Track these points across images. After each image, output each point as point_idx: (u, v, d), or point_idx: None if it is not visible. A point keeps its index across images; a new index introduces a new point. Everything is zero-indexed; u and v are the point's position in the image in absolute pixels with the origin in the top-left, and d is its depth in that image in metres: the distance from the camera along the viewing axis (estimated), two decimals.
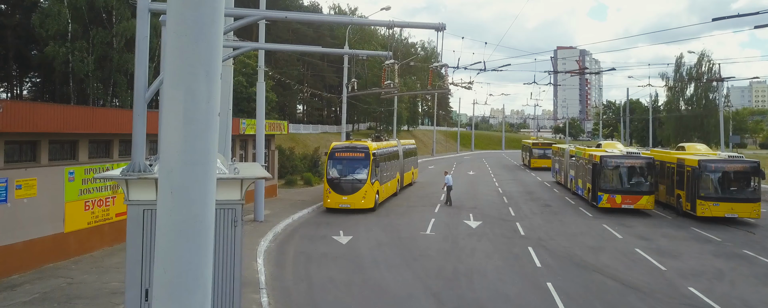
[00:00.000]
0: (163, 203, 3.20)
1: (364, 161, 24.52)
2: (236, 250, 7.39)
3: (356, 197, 24.06)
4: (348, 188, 24.14)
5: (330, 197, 24.15)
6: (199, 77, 3.19)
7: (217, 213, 7.34)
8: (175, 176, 3.17)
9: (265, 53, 24.72)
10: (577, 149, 33.31)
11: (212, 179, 3.28)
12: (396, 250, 17.66)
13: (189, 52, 3.16)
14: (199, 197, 3.21)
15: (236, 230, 7.39)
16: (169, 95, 3.20)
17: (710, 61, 66.17)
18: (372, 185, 24.42)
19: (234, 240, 7.36)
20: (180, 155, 3.16)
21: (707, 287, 14.17)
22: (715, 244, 19.42)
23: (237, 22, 8.88)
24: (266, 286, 13.33)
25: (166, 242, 3.19)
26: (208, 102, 3.22)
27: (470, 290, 13.56)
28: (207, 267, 3.27)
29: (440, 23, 8.96)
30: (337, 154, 24.80)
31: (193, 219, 3.18)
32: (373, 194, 24.47)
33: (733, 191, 23.54)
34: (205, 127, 3.21)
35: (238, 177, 7.30)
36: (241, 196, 7.43)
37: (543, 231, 21.29)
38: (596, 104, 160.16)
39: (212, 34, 3.20)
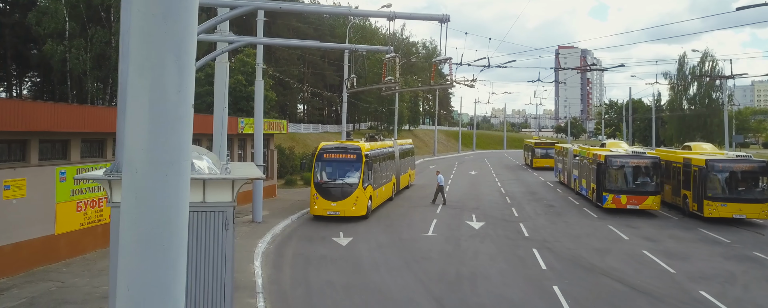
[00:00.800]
0: (127, 210, 2.75)
1: (356, 164, 22.19)
2: (227, 254, 6.94)
3: (346, 204, 21.67)
4: (337, 194, 21.74)
5: (317, 203, 21.75)
6: (168, 62, 2.74)
7: (207, 216, 6.91)
8: (139, 178, 2.72)
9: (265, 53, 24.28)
10: (581, 149, 32.82)
11: (185, 182, 2.83)
12: (397, 252, 17.21)
13: (156, 33, 2.71)
14: (168, 203, 2.75)
15: (227, 233, 6.94)
16: (134, 85, 2.76)
17: (714, 59, 65.68)
18: (364, 190, 22.10)
19: (225, 243, 6.91)
20: (145, 154, 2.71)
21: (719, 291, 13.71)
22: (724, 246, 18.95)
23: (230, 12, 8.44)
24: (263, 290, 12.88)
25: (130, 255, 2.74)
26: (178, 92, 2.78)
27: (474, 294, 13.11)
28: (177, 285, 2.82)
29: (444, 15, 8.52)
30: (325, 155, 22.49)
31: (161, 228, 2.73)
32: (365, 200, 22.18)
33: (741, 192, 23.06)
34: (175, 121, 2.76)
35: (229, 178, 6.86)
36: (233, 198, 6.99)
37: (547, 232, 20.83)
38: (599, 103, 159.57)
39: (184, 12, 2.75)
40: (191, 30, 2.82)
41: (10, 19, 39.35)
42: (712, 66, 65.29)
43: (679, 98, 71.56)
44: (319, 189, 21.82)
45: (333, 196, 21.68)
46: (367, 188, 22.42)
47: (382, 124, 72.00)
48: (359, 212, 21.80)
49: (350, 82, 24.47)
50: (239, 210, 22.88)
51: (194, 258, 6.87)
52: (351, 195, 21.68)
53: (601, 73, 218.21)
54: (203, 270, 6.86)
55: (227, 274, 6.92)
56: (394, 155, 29.74)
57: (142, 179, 2.71)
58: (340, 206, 21.56)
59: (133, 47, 2.75)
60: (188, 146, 2.85)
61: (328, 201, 21.58)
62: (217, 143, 13.00)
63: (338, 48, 23.22)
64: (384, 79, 18.95)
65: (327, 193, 21.75)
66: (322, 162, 22.34)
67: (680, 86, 71.55)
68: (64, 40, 33.63)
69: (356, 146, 22.78)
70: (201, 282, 6.87)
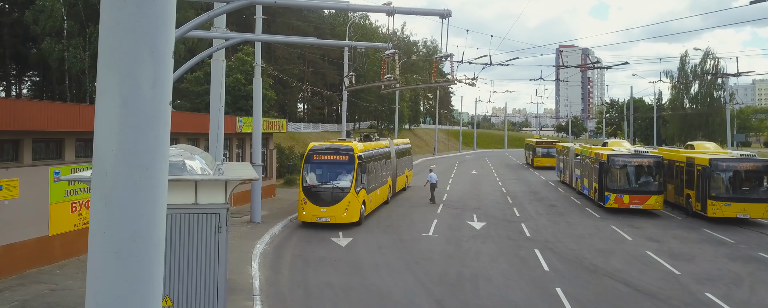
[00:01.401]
0: (96, 217, 2.50)
1: (348, 166, 20.48)
2: (220, 258, 6.70)
3: (337, 209, 19.96)
4: (327, 198, 20.03)
5: (305, 208, 20.05)
6: (142, 55, 2.48)
7: (199, 218, 6.66)
8: (109, 181, 2.47)
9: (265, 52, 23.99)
10: (582, 148, 32.56)
11: (161, 186, 2.58)
12: (397, 253, 16.96)
13: (128, 22, 2.45)
14: (142, 209, 2.50)
15: (220, 236, 6.69)
16: (104, 79, 2.50)
17: (716, 58, 65.34)
18: (356, 195, 20.42)
19: (217, 247, 6.67)
20: (116, 156, 2.46)
21: (725, 293, 13.45)
22: (729, 246, 18.69)
23: (225, 6, 8.19)
24: (260, 292, 12.63)
25: (99, 267, 2.48)
26: (153, 88, 2.52)
27: (475, 296, 12.86)
28: (153, 300, 2.55)
29: (446, 10, 8.26)
30: (315, 157, 20.76)
31: (134, 238, 2.47)
32: (357, 205, 20.50)
33: (745, 191, 22.80)
34: (149, 119, 2.51)
35: (222, 179, 6.61)
36: (226, 199, 6.73)
37: (549, 232, 20.58)
38: (600, 102, 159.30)
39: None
40: (168, 19, 2.56)
41: (9, 18, 39.10)
42: (713, 64, 64.93)
43: (680, 97, 71.24)
44: (307, 193, 20.16)
45: (323, 201, 20.03)
46: (360, 192, 20.83)
47: (383, 123, 71.75)
48: (351, 218, 20.17)
49: (349, 80, 23.84)
50: (238, 210, 22.63)
51: (186, 262, 6.62)
52: (342, 200, 20.01)
53: (602, 72, 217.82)
54: (195, 275, 6.61)
55: (220, 279, 6.67)
56: (390, 156, 28.18)
57: (112, 183, 2.46)
58: (331, 212, 19.94)
59: (103, 37, 2.50)
60: (165, 147, 2.59)
61: (317, 207, 19.95)
62: (214, 142, 12.73)
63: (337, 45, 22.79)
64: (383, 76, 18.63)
65: (316, 197, 20.11)
66: (311, 164, 20.69)
67: (682, 85, 71.24)
68: (62, 38, 33.38)
69: (348, 147, 21.09)
70: (193, 286, 6.62)
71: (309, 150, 21.05)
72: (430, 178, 28.25)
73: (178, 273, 6.58)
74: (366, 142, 24.76)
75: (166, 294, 6.54)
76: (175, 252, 6.57)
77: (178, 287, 6.58)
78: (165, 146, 2.58)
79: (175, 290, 6.57)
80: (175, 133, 19.97)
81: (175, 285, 6.57)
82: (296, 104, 70.46)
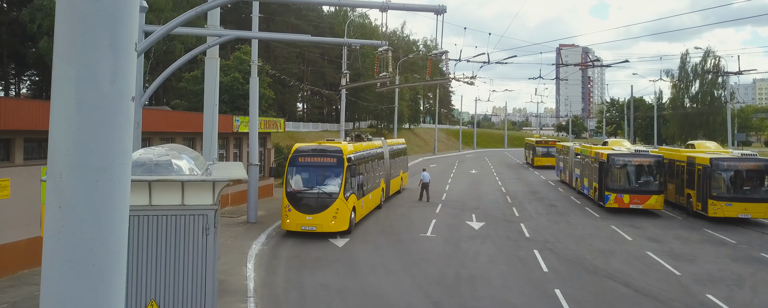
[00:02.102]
0: (51, 223, 2.30)
1: (336, 169, 18.89)
2: (208, 261, 6.50)
3: (324, 217, 18.27)
4: (313, 205, 18.40)
5: (290, 216, 18.33)
6: (100, 47, 2.29)
7: (186, 220, 6.47)
8: (65, 184, 2.27)
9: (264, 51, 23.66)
10: (582, 148, 32.36)
11: (121, 188, 2.38)
12: (395, 254, 16.76)
13: (85, 11, 2.26)
14: (99, 214, 2.30)
15: (208, 238, 6.49)
16: (59, 73, 2.32)
17: (716, 57, 65.13)
18: (346, 201, 18.79)
19: (205, 249, 6.47)
20: (71, 156, 2.26)
21: (727, 294, 13.26)
22: (731, 247, 18.49)
23: (216, 1, 7.99)
24: (254, 294, 12.45)
25: (53, 277, 2.29)
26: (112, 83, 2.33)
27: (473, 298, 12.66)
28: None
29: (440, 6, 8.08)
30: (300, 159, 19.09)
31: (90, 245, 2.28)
32: (346, 213, 18.83)
33: (746, 191, 22.60)
34: (108, 117, 2.32)
35: (210, 179, 6.41)
36: (214, 200, 6.54)
37: (549, 232, 20.38)
38: (600, 102, 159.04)
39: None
40: (129, 9, 2.37)
41: (7, 17, 38.91)
42: (714, 63, 64.72)
43: (681, 96, 71.02)
44: (291, 199, 18.46)
45: (308, 208, 18.39)
46: (350, 197, 19.21)
47: (382, 122, 71.49)
48: (340, 226, 18.56)
49: (344, 78, 23.49)
50: (234, 211, 22.45)
51: (172, 265, 6.44)
52: (330, 207, 18.35)
53: (603, 71, 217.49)
54: (182, 278, 6.43)
55: (208, 281, 6.48)
56: (383, 157, 26.57)
57: (67, 186, 2.27)
58: (317, 220, 18.26)
59: (59, 28, 2.31)
60: (126, 147, 2.40)
61: (302, 214, 18.27)
62: (208, 141, 12.55)
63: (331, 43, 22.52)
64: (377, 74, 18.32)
65: (301, 204, 18.46)
66: (296, 167, 19.03)
67: (682, 84, 71.04)
68: None
69: (337, 148, 19.44)
70: (180, 290, 6.43)
71: (293, 152, 19.42)
72: (423, 177, 28.44)
73: (164, 277, 6.39)
74: (357, 142, 23.24)
75: (151, 299, 6.35)
76: (161, 255, 6.39)
77: (164, 290, 6.39)
78: (126, 145, 2.38)
79: (161, 294, 6.38)
80: (171, 132, 19.82)
81: (161, 289, 6.39)
82: (296, 103, 70.27)
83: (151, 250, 6.36)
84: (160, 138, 17.20)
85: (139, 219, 6.34)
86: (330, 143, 20.50)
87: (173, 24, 7.68)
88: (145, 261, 6.35)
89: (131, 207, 6.44)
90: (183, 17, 7.89)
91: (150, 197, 6.36)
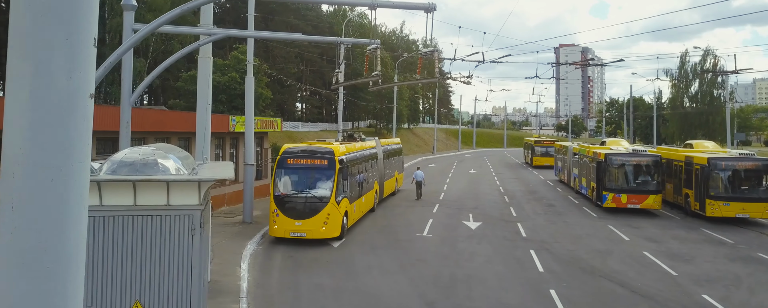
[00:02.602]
0: (2, 224, 2.22)
1: (327, 171, 17.81)
2: (195, 262, 6.42)
3: (314, 223, 17.18)
4: (303, 210, 17.29)
5: (278, 221, 17.26)
6: (56, 41, 2.20)
7: (172, 220, 6.39)
8: (18, 183, 2.19)
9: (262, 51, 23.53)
10: (580, 147, 32.28)
11: (78, 189, 2.29)
12: (391, 254, 16.67)
13: (41, 3, 2.18)
14: (54, 216, 2.22)
15: (194, 239, 6.41)
16: (14, 68, 2.23)
17: (715, 56, 65.07)
18: (337, 206, 17.68)
19: (191, 250, 6.39)
20: (25, 155, 2.18)
21: (724, 295, 13.18)
22: (729, 247, 18.41)
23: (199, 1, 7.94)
24: (248, 294, 12.37)
25: (4, 283, 2.20)
26: (70, 78, 2.24)
27: (468, 299, 12.58)
28: None
29: (430, 3, 7.99)
30: (288, 161, 17.96)
31: (43, 248, 2.19)
32: (338, 218, 17.75)
33: (744, 191, 22.52)
34: (65, 114, 2.23)
35: (195, 179, 6.34)
36: (200, 200, 6.46)
37: (546, 232, 20.30)
38: (600, 101, 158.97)
39: None
40: (89, 2, 2.29)
41: (5, 17, 38.85)
42: (713, 63, 64.66)
43: (680, 96, 70.99)
44: (279, 204, 17.40)
45: (297, 213, 17.26)
46: (342, 201, 18.08)
47: (381, 122, 71.38)
48: (331, 232, 17.46)
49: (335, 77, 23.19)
50: (230, 211, 22.37)
51: (158, 266, 6.36)
52: (321, 212, 17.23)
53: (602, 71, 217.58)
54: (167, 279, 6.35)
55: (194, 282, 6.40)
56: (377, 157, 25.47)
57: (20, 186, 2.18)
58: (307, 226, 17.16)
59: (13, 20, 2.23)
60: (84, 145, 2.31)
61: (290, 219, 17.15)
62: (200, 141, 12.46)
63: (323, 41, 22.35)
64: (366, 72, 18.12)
65: (290, 209, 17.32)
66: (285, 169, 17.94)
67: (682, 84, 70.99)
68: None
69: (328, 150, 18.32)
70: (165, 291, 6.36)
71: (282, 153, 18.20)
72: (417, 176, 28.94)
73: (149, 277, 6.32)
74: (349, 143, 22.04)
75: (136, 299, 6.28)
76: (146, 255, 6.31)
77: (149, 291, 6.32)
78: (84, 143, 2.30)
79: (146, 294, 6.31)
80: (166, 132, 19.73)
81: (146, 289, 6.31)
82: (295, 103, 70.20)
83: (136, 250, 6.29)
84: (154, 138, 17.11)
85: (123, 219, 6.27)
86: (321, 144, 19.50)
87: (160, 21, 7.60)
88: (129, 261, 6.27)
89: (116, 207, 6.39)
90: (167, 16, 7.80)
91: (135, 197, 6.28)
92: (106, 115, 14.39)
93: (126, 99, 9.87)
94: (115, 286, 6.23)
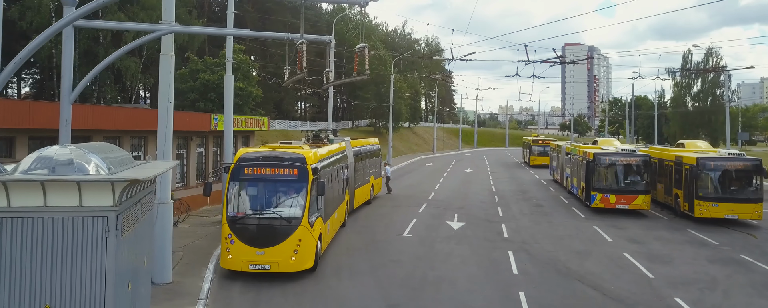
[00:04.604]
0: None
1: (297, 184, 13.89)
2: (109, 266, 6.21)
3: (281, 252, 13.23)
4: (266, 236, 13.37)
5: (232, 250, 13.23)
6: None
7: (84, 222, 6.19)
8: None
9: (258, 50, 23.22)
10: (572, 147, 31.94)
11: None
12: (366, 255, 16.41)
13: None
14: None
15: (109, 241, 6.20)
16: None
17: (718, 56, 64.44)
18: (310, 229, 13.71)
19: (105, 253, 6.18)
20: None
21: (697, 297, 12.88)
22: (712, 248, 18.07)
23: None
24: (208, 296, 12.17)
25: None
26: None
27: (434, 301, 12.33)
28: None
29: None
30: (246, 170, 13.82)
31: None
32: (312, 243, 13.80)
33: (733, 191, 22.11)
34: None
35: (107, 180, 6.12)
36: (115, 201, 6.25)
37: (528, 233, 20.00)
38: (604, 100, 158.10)
39: None
40: None
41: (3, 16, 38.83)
42: (716, 62, 64.03)
43: (683, 95, 70.43)
44: (235, 228, 13.37)
45: (259, 240, 13.31)
46: (316, 222, 14.25)
47: (381, 121, 71.09)
48: (302, 263, 13.50)
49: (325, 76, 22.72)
50: (211, 210, 22.23)
51: (69, 269, 6.17)
52: (290, 237, 13.34)
53: (609, 70, 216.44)
54: (80, 282, 6.15)
55: (109, 288, 6.20)
56: (347, 161, 21.73)
57: None
58: (272, 257, 13.21)
59: None
60: None
61: (250, 248, 13.19)
62: (162, 141, 12.27)
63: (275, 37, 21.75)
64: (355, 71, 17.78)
65: (249, 234, 13.34)
66: (241, 182, 13.89)
67: (684, 83, 70.42)
68: (58, 37, 33.05)
69: (297, 156, 14.22)
70: (77, 296, 6.16)
71: (237, 160, 14.11)
72: (386, 171, 31.24)
73: (60, 280, 6.12)
74: (315, 145, 18.19)
75: (46, 303, 6.09)
76: (57, 258, 6.11)
77: (60, 294, 6.12)
78: None
79: (57, 297, 6.12)
80: (117, 130, 19.06)
81: (58, 293, 6.12)
82: (294, 102, 70.06)
83: (47, 253, 6.10)
84: (103, 136, 16.65)
85: (33, 221, 6.08)
86: (288, 148, 15.47)
87: (73, 17, 7.41)
88: (39, 263, 6.08)
89: (25, 209, 6.20)
90: (83, 10, 7.57)
91: (45, 198, 6.08)
92: (50, 111, 14.10)
93: (65, 96, 9.68)
94: (24, 288, 6.04)
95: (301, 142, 19.20)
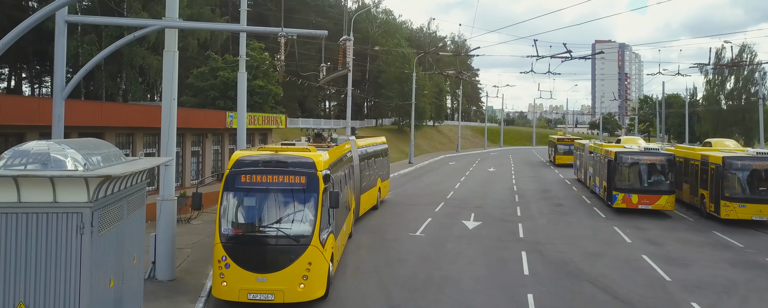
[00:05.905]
0: None
1: (305, 194, 11.60)
2: (84, 261, 6.14)
3: (288, 278, 11.02)
4: (269, 258, 11.17)
5: (227, 276, 10.99)
6: None
7: (58, 218, 6.13)
8: None
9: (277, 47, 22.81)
10: (595, 145, 31.23)
11: None
12: (373, 254, 16.20)
13: None
14: None
15: (83, 238, 6.13)
16: None
17: (752, 52, 62.39)
18: (322, 248, 11.53)
19: (80, 249, 6.11)
20: None
21: (713, 302, 12.35)
22: (736, 251, 17.38)
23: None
24: (208, 294, 12.11)
25: None
26: None
27: (436, 302, 12.06)
28: None
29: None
30: (244, 178, 11.53)
31: None
32: (324, 266, 11.60)
33: (761, 192, 21.27)
34: None
35: (81, 175, 6.04)
36: (90, 197, 6.17)
37: (544, 233, 19.55)
38: (635, 98, 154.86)
39: None
40: None
41: (26, 14, 39.81)
42: (750, 58, 61.98)
43: (715, 93, 68.35)
44: (230, 249, 11.13)
45: (260, 264, 11.07)
46: (328, 239, 12.10)
47: (404, 119, 70.80)
48: (312, 292, 11.26)
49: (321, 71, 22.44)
50: None
51: (43, 266, 6.12)
52: (298, 260, 11.09)
53: (640, 67, 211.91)
54: (54, 279, 6.10)
55: (83, 286, 6.14)
56: (353, 163, 19.46)
57: None
58: (277, 284, 10.97)
59: None
60: None
61: (248, 273, 10.95)
62: (164, 137, 12.27)
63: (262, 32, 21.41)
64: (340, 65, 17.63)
65: (247, 258, 11.10)
66: (236, 192, 11.56)
67: (717, 80, 68.37)
68: (76, 34, 33.64)
69: (305, 160, 11.90)
70: (52, 293, 6.11)
71: (232, 165, 11.77)
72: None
73: (34, 277, 6.08)
74: (319, 146, 15.98)
75: (20, 301, 6.05)
76: (31, 255, 6.07)
77: (34, 291, 6.08)
78: None
79: (31, 295, 6.08)
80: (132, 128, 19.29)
81: (32, 290, 6.08)
82: (318, 101, 70.28)
83: (21, 249, 6.05)
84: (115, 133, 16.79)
85: (6, 217, 6.04)
86: (294, 151, 12.81)
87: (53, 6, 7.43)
88: (13, 260, 6.04)
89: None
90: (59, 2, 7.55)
91: (18, 194, 6.04)
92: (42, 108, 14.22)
93: (58, 92, 9.70)
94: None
95: (302, 141, 17.42)
